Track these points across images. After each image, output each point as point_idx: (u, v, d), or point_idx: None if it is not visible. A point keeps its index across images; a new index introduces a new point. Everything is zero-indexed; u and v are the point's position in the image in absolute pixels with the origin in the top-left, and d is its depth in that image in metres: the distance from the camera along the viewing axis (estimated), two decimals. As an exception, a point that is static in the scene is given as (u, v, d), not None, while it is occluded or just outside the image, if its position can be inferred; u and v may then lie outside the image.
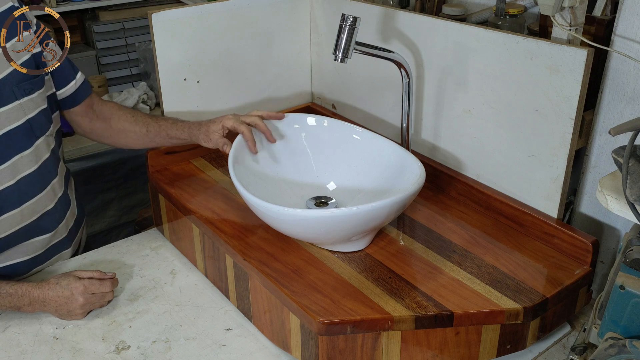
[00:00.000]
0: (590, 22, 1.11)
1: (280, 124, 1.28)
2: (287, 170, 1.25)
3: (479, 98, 1.16)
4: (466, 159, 1.24)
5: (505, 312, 0.95)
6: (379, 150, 1.20)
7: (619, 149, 0.80)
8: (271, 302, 1.03)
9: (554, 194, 1.09)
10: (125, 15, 3.05)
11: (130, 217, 2.10)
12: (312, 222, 1.03)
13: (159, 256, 1.30)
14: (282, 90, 1.55)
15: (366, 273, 1.04)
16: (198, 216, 1.19)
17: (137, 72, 2.77)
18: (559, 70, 1.01)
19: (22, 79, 1.13)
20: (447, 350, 0.98)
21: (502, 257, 1.08)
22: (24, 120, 1.14)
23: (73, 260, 1.28)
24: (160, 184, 1.31)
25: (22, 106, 1.14)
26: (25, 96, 1.14)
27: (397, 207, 1.03)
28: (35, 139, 1.17)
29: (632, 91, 1.02)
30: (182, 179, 1.33)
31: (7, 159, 1.13)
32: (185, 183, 1.31)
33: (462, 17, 1.32)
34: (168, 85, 1.34)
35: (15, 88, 1.12)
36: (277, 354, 1.05)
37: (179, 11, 1.30)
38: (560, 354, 1.05)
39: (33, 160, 1.17)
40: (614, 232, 1.12)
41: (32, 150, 1.16)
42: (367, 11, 1.33)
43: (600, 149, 1.10)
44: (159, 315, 1.13)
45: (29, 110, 1.15)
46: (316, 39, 1.53)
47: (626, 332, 0.79)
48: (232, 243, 1.11)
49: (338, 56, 1.10)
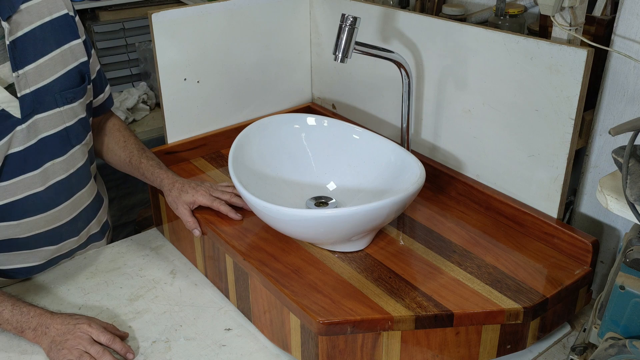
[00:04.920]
0: (590, 22, 1.11)
1: (280, 124, 1.28)
2: (287, 170, 1.25)
3: (479, 98, 1.16)
4: (466, 159, 1.24)
5: (505, 312, 0.95)
6: (379, 150, 1.20)
7: (619, 149, 0.80)
8: (271, 302, 1.03)
9: (554, 194, 1.09)
10: (125, 15, 3.04)
11: (130, 217, 2.10)
12: (312, 222, 1.03)
13: (159, 256, 1.30)
14: (282, 90, 1.55)
15: (366, 273, 1.04)
16: (198, 216, 1.19)
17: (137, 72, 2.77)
18: (559, 70, 1.01)
19: (66, 87, 1.14)
20: (447, 350, 0.98)
21: (502, 257, 1.08)
22: (61, 128, 1.14)
23: (72, 261, 1.28)
24: (160, 184, 1.31)
25: (61, 114, 1.13)
26: (67, 104, 1.14)
27: (397, 207, 1.03)
28: (71, 147, 1.17)
29: (632, 91, 1.02)
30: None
31: (39, 165, 1.12)
32: (185, 183, 1.31)
33: (462, 17, 1.32)
34: (168, 85, 1.34)
35: (58, 95, 1.12)
36: (277, 354, 1.05)
37: (179, 11, 1.30)
38: (560, 354, 1.05)
39: (64, 168, 1.16)
40: (614, 232, 1.12)
41: (65, 158, 1.16)
42: (367, 11, 1.33)
43: (600, 149, 1.10)
44: (159, 315, 1.13)
45: (68, 119, 1.15)
46: (316, 39, 1.53)
47: (626, 332, 0.79)
48: (232, 243, 1.11)
49: (338, 56, 1.10)
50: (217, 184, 1.25)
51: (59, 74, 1.13)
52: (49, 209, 1.16)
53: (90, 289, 1.20)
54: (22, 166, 1.10)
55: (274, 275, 1.03)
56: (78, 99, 1.16)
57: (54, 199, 1.16)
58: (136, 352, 1.05)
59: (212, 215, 1.19)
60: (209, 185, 1.22)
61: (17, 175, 1.09)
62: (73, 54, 1.16)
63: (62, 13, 1.14)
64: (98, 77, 1.26)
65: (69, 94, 1.14)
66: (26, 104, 1.07)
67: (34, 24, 1.09)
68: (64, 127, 1.14)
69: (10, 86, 1.06)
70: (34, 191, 1.12)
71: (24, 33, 1.08)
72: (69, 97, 1.14)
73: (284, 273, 1.04)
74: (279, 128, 1.27)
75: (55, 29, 1.13)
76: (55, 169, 1.15)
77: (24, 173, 1.10)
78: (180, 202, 1.19)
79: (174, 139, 1.41)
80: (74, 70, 1.16)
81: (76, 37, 1.17)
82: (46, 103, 1.11)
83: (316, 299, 0.98)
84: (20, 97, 1.07)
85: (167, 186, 1.21)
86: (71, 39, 1.16)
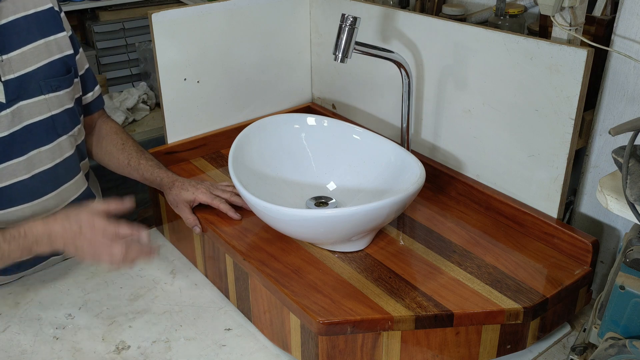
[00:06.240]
0: (590, 22, 1.11)
1: (280, 124, 1.28)
2: (287, 170, 1.25)
3: (479, 98, 1.16)
4: (466, 159, 1.24)
5: (505, 312, 0.95)
6: (379, 150, 1.20)
7: (619, 149, 0.80)
8: (271, 302, 1.03)
9: (554, 194, 1.09)
10: (125, 15, 3.05)
11: (131, 217, 2.09)
12: (312, 222, 1.03)
13: (159, 256, 1.30)
14: (282, 90, 1.55)
15: (366, 273, 1.04)
16: (198, 215, 1.19)
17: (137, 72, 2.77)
18: (559, 70, 1.01)
19: (50, 75, 1.15)
20: (447, 350, 0.98)
21: (502, 257, 1.08)
22: (47, 116, 1.15)
23: (72, 261, 1.28)
24: (160, 184, 1.31)
25: (47, 102, 1.15)
26: (51, 92, 1.15)
27: (397, 207, 1.03)
28: (57, 136, 1.18)
29: (632, 91, 1.02)
30: (182, 179, 1.33)
31: (24, 152, 1.13)
32: (185, 183, 1.31)
33: (462, 17, 1.32)
34: (168, 85, 1.34)
35: (42, 83, 1.14)
36: (277, 354, 1.05)
37: (179, 11, 1.30)
38: (560, 354, 1.05)
39: (50, 157, 1.17)
40: (614, 232, 1.12)
41: (51, 147, 1.17)
42: (367, 11, 1.33)
43: (600, 149, 1.10)
44: (159, 315, 1.13)
45: (53, 107, 1.16)
46: (316, 39, 1.53)
47: (626, 332, 0.79)
48: (232, 243, 1.11)
49: (338, 56, 1.10)
50: (218, 183, 1.25)
51: (43, 63, 1.15)
52: (35, 198, 1.16)
53: (90, 289, 1.20)
54: (7, 152, 1.11)
55: (274, 275, 1.03)
56: (63, 88, 1.18)
57: (40, 188, 1.17)
58: (136, 352, 1.05)
59: (212, 215, 1.19)
60: (209, 184, 1.23)
61: (3, 161, 1.10)
62: (58, 46, 1.18)
63: (47, 7, 1.17)
64: (87, 74, 1.28)
65: (54, 82, 1.16)
66: (10, 89, 1.09)
67: (18, 14, 1.12)
68: (49, 115, 1.15)
69: None
70: (20, 178, 1.13)
71: (9, 21, 1.10)
72: (53, 85, 1.16)
73: (284, 273, 1.04)
74: (279, 128, 1.27)
75: (40, 21, 1.15)
76: (41, 157, 1.15)
77: (9, 159, 1.11)
78: (180, 200, 1.20)
79: (174, 139, 1.41)
80: (58, 61, 1.18)
81: (61, 30, 1.19)
82: (30, 90, 1.12)
83: (316, 299, 0.98)
84: (5, 82, 1.09)
85: (167, 185, 1.22)
86: (56, 31, 1.18)
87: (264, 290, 1.04)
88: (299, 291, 0.99)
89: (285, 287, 1.00)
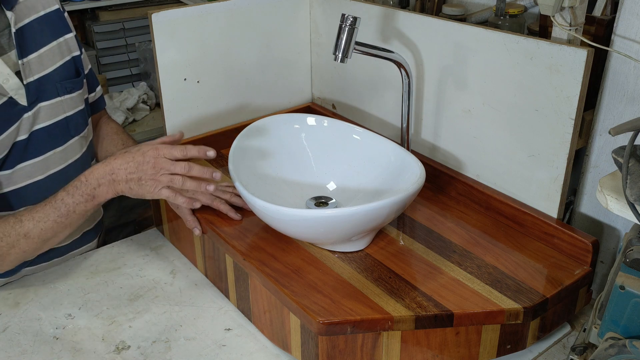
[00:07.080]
0: (590, 22, 1.11)
1: (280, 124, 1.28)
2: (287, 170, 1.25)
3: (479, 98, 1.16)
4: (466, 159, 1.24)
5: (505, 312, 0.95)
6: (379, 150, 1.20)
7: (619, 149, 0.80)
8: (271, 302, 1.03)
9: (554, 194, 1.09)
10: (125, 15, 3.05)
11: (130, 217, 2.09)
12: (312, 222, 1.03)
13: (159, 256, 1.30)
14: (282, 90, 1.55)
15: (366, 273, 1.04)
16: (198, 216, 1.19)
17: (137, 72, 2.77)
18: (559, 70, 1.01)
19: (65, 77, 1.18)
20: (447, 350, 0.98)
21: (502, 257, 1.08)
22: (62, 118, 1.17)
23: (72, 261, 1.28)
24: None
25: (62, 103, 1.17)
26: (67, 94, 1.18)
27: (397, 207, 1.03)
28: (70, 137, 1.19)
29: (632, 91, 1.02)
30: (182, 179, 1.33)
31: (42, 152, 1.15)
32: (185, 183, 1.31)
33: (462, 17, 1.32)
34: (168, 85, 1.34)
35: (59, 85, 1.16)
36: (277, 354, 1.05)
37: (179, 11, 1.30)
38: (560, 354, 1.05)
39: (63, 158, 1.19)
40: (614, 232, 1.12)
41: (64, 148, 1.18)
42: (367, 11, 1.33)
43: (600, 149, 1.10)
44: (159, 315, 1.13)
45: (68, 109, 1.18)
46: (316, 39, 1.53)
47: (626, 332, 0.79)
48: (232, 243, 1.11)
49: (338, 56, 1.10)
50: (218, 183, 1.25)
51: (58, 65, 1.17)
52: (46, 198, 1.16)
53: (90, 289, 1.20)
54: (25, 154, 1.13)
55: (274, 275, 1.03)
56: (77, 89, 1.20)
57: (51, 189, 1.17)
58: (136, 352, 1.05)
59: (212, 215, 1.19)
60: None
61: (20, 162, 1.11)
62: (68, 47, 1.21)
63: (54, 8, 1.19)
64: (90, 75, 1.30)
65: (68, 84, 1.18)
66: (31, 91, 1.11)
67: (31, 17, 1.14)
68: (64, 117, 1.18)
69: (17, 74, 1.10)
70: (35, 179, 1.15)
71: (25, 24, 1.12)
72: (68, 87, 1.18)
73: (284, 273, 1.04)
74: (279, 128, 1.27)
75: (51, 23, 1.18)
76: (55, 158, 1.17)
77: (27, 160, 1.12)
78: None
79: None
80: (70, 62, 1.20)
81: (69, 30, 1.22)
82: (48, 92, 1.14)
83: (316, 299, 0.98)
84: (26, 85, 1.10)
85: None
86: (65, 32, 1.21)
87: (264, 290, 1.04)
88: (299, 291, 0.99)
89: (285, 287, 1.00)
